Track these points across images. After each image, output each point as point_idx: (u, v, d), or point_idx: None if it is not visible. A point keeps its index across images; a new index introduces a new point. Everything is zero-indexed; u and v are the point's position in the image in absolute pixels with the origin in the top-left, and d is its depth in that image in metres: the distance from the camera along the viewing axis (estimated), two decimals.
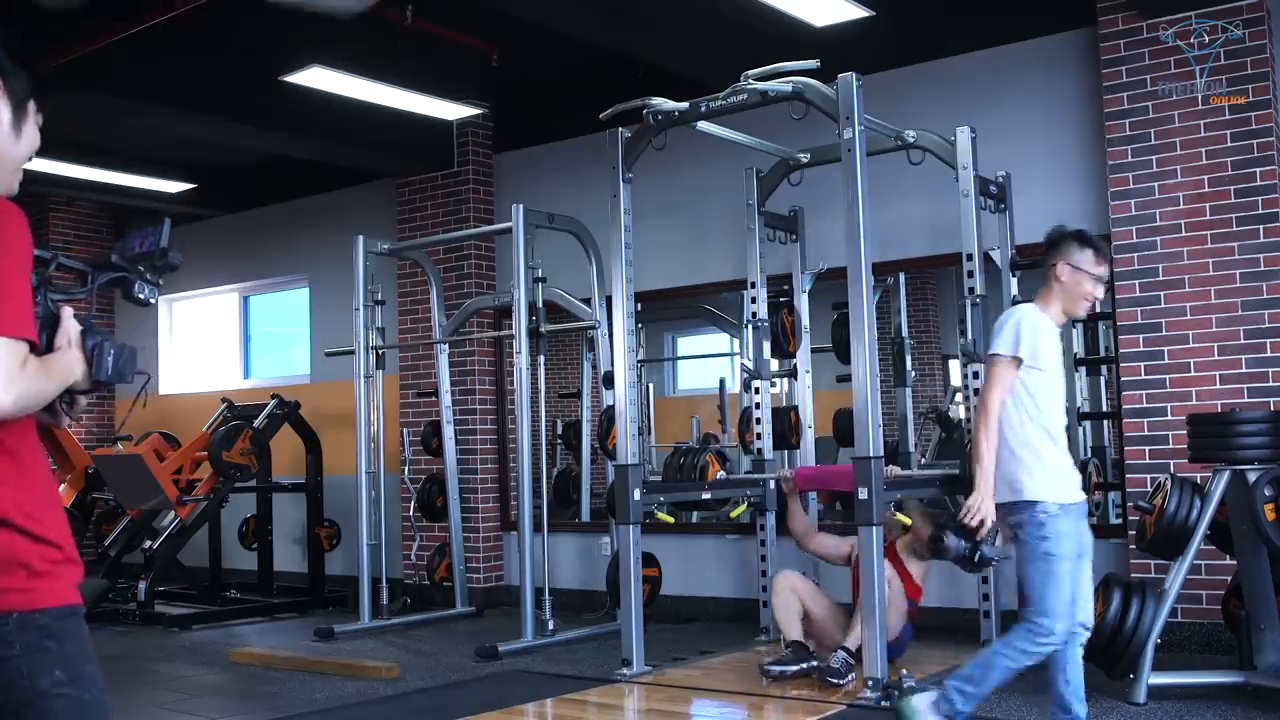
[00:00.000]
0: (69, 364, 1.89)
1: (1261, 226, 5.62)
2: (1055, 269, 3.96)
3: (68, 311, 1.92)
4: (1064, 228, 4.06)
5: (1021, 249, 6.18)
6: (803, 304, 6.82)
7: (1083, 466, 6.07)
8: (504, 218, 7.58)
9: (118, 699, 6.03)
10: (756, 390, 6.76)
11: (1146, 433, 5.86)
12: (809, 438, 6.80)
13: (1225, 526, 4.84)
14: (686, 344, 10.79)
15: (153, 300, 2.04)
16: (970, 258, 5.70)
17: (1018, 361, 3.87)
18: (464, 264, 8.46)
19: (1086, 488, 5.99)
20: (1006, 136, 6.38)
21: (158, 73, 6.87)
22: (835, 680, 5.05)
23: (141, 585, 8.04)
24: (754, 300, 6.70)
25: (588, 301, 7.24)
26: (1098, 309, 6.68)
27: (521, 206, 6.87)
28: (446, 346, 8.13)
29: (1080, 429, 6.87)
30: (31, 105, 1.94)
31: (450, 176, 8.56)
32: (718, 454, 6.67)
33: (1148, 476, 5.68)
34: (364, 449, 7.67)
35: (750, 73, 5.25)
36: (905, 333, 7.83)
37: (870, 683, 4.83)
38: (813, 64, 5.07)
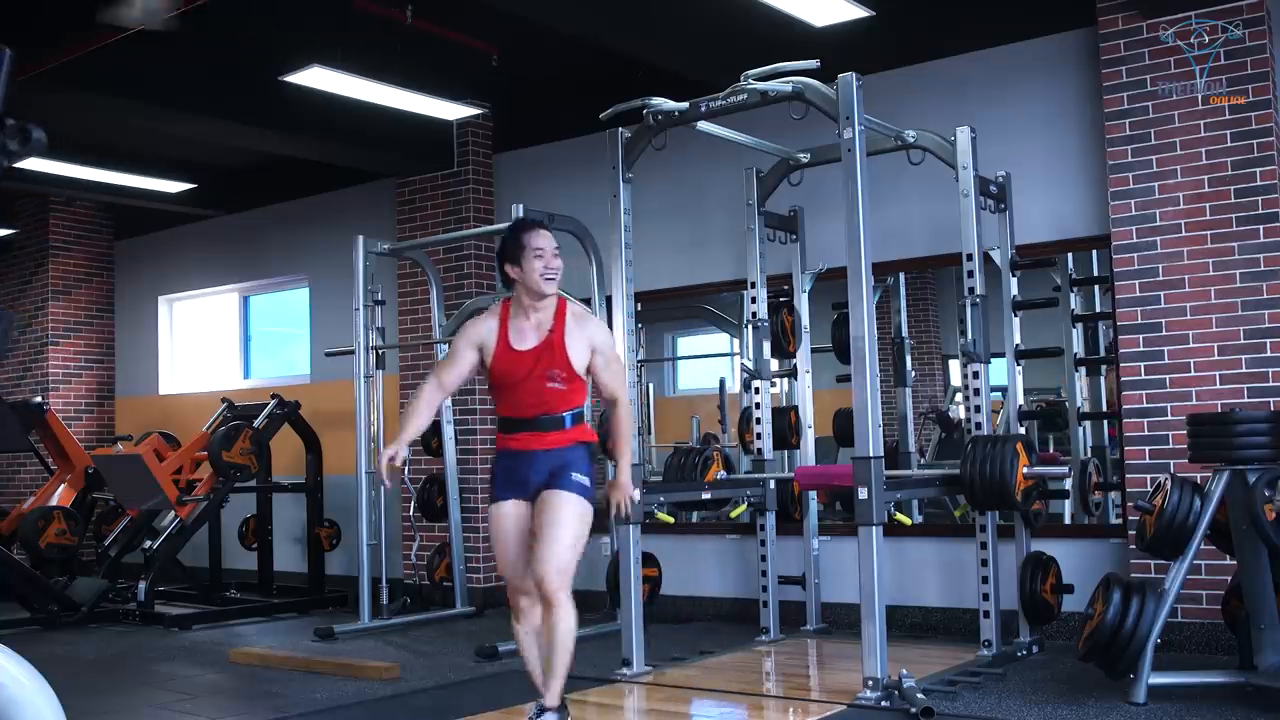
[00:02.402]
0: None
1: (1261, 226, 5.61)
2: None
3: None
4: None
5: (1021, 249, 6.19)
6: (803, 304, 6.82)
7: (1083, 467, 6.10)
8: (504, 218, 7.58)
9: (118, 699, 6.00)
10: (756, 390, 6.76)
11: (1146, 433, 5.86)
12: (809, 438, 6.80)
13: (1225, 526, 4.83)
14: (686, 344, 10.77)
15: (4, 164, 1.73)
16: (970, 258, 5.69)
17: None
18: (464, 264, 8.46)
19: (1086, 488, 6.05)
20: (1006, 136, 6.39)
21: (158, 73, 6.87)
22: None
23: (141, 585, 8.03)
24: (754, 300, 6.70)
25: (588, 301, 7.24)
26: (1097, 308, 6.77)
27: (521, 206, 6.86)
28: (446, 346, 8.13)
29: (1080, 429, 6.87)
30: None
31: (450, 176, 8.56)
32: (723, 455, 6.68)
33: (1148, 476, 5.68)
34: (364, 449, 7.67)
35: (750, 73, 5.25)
36: (905, 333, 7.84)
37: (870, 683, 4.82)
38: (813, 64, 5.07)
